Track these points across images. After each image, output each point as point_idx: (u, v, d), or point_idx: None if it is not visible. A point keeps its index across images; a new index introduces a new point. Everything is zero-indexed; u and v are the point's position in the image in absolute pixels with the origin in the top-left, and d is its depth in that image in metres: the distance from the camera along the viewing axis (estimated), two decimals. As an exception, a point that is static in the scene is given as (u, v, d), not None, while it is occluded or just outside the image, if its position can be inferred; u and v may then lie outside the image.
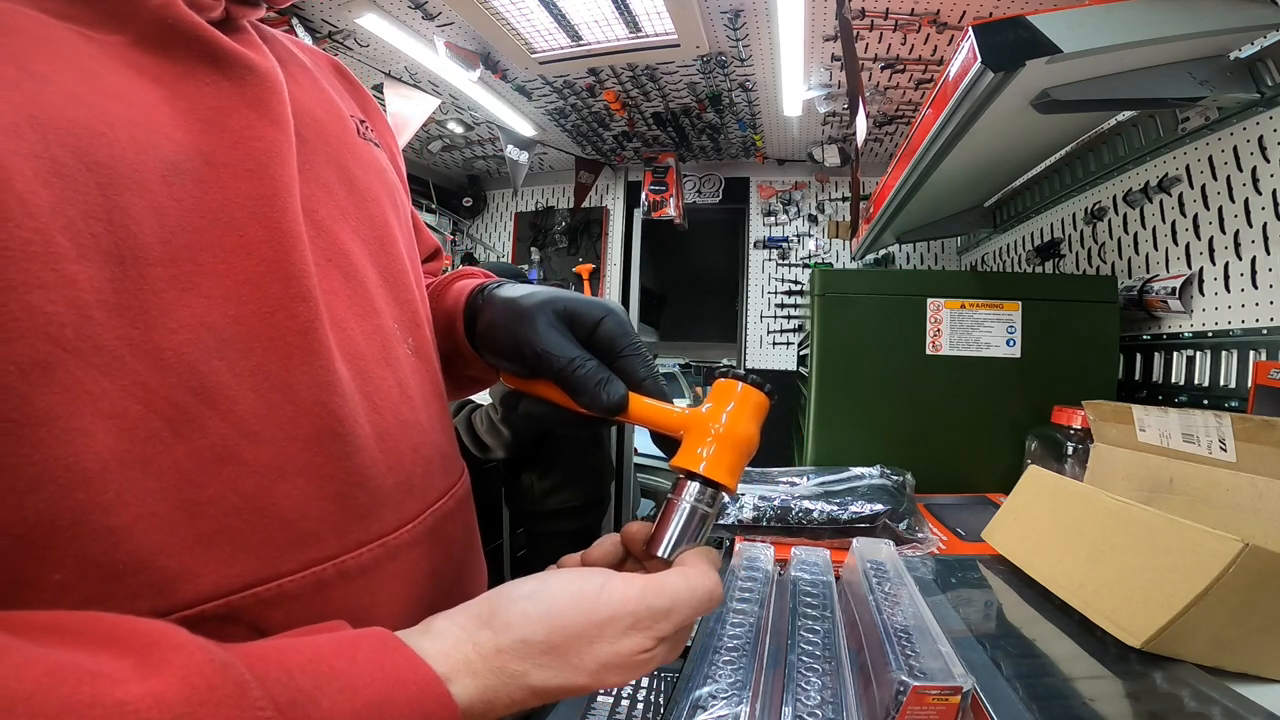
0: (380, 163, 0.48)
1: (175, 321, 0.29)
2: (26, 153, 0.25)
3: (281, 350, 0.33)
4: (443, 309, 0.52)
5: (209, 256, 0.31)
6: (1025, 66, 0.77)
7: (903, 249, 2.77)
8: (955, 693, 0.41)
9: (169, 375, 0.28)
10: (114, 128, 0.28)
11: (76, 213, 0.26)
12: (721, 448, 0.37)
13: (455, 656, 0.29)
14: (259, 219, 0.33)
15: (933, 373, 1.18)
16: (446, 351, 0.52)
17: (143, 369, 0.28)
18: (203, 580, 0.29)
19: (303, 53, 0.48)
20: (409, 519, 0.40)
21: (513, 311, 0.44)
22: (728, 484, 0.37)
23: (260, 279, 0.32)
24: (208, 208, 0.31)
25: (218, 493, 0.30)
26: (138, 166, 0.29)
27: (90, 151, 0.27)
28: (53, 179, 0.26)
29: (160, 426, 0.28)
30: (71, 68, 0.28)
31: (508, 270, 1.89)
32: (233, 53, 0.35)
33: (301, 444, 0.33)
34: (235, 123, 0.34)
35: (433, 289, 0.55)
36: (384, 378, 0.40)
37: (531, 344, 0.41)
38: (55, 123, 0.26)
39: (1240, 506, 0.65)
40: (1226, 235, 1.01)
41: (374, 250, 0.43)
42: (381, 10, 1.82)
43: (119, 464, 0.26)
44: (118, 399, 0.27)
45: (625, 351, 0.42)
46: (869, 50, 1.84)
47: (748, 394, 0.39)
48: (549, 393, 0.43)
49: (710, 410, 0.39)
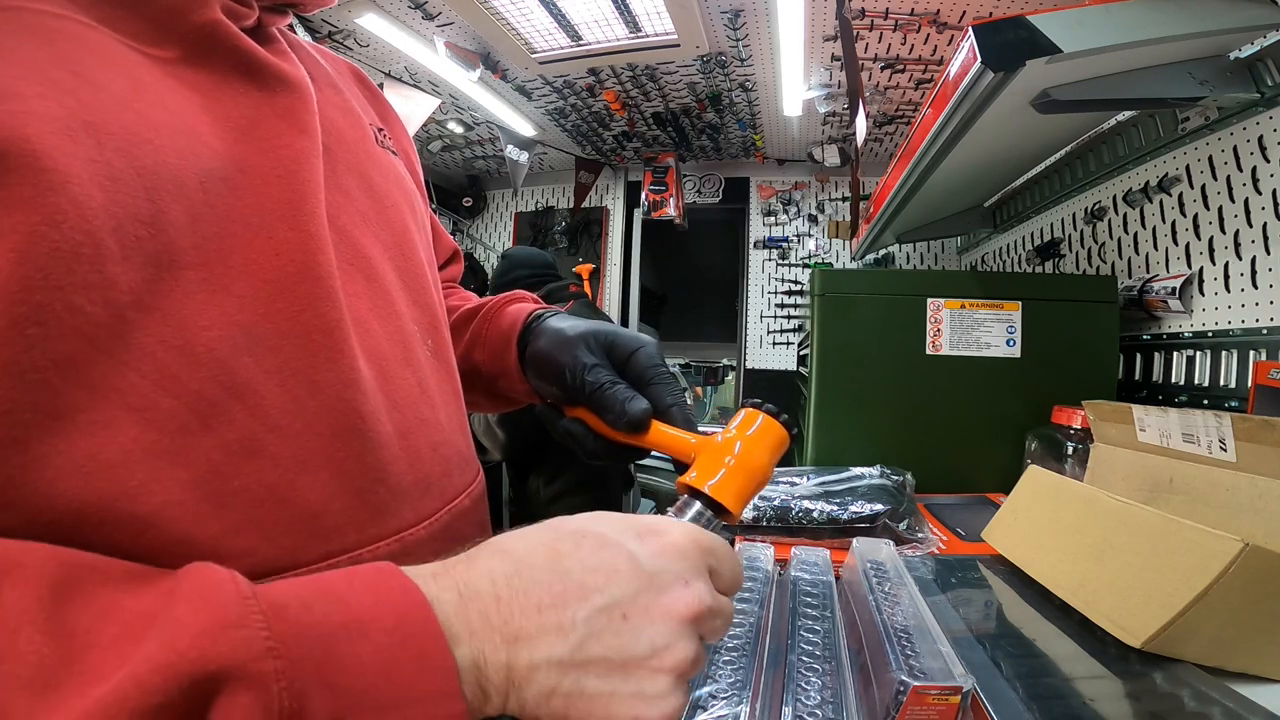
0: (398, 170, 0.50)
1: (207, 320, 0.30)
2: (83, 157, 0.26)
3: (307, 348, 0.34)
4: (499, 330, 0.54)
5: (239, 258, 0.32)
6: (1025, 66, 0.77)
7: (903, 249, 2.77)
8: (955, 693, 0.41)
9: (199, 370, 0.29)
10: (159, 134, 0.30)
11: (126, 215, 0.27)
12: (731, 472, 0.37)
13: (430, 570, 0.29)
14: (287, 222, 0.34)
15: (933, 373, 1.18)
16: (495, 371, 0.54)
17: (174, 364, 0.29)
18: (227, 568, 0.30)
19: (326, 60, 0.50)
20: (426, 516, 0.41)
21: (558, 339, 0.47)
22: (732, 507, 0.36)
23: (289, 279, 0.34)
24: (240, 212, 0.33)
25: (243, 484, 0.31)
26: (179, 172, 0.30)
27: (140, 157, 0.28)
28: (106, 182, 0.27)
29: (190, 419, 0.29)
30: (122, 75, 0.30)
31: (537, 258, 1.87)
32: (266, 63, 0.37)
33: (325, 439, 0.34)
34: (266, 131, 0.35)
35: (487, 309, 0.57)
36: (404, 377, 0.41)
37: (569, 367, 0.44)
38: (109, 128, 0.27)
39: (1240, 506, 0.65)
40: (1226, 235, 1.01)
41: (394, 255, 0.44)
42: (381, 10, 1.82)
43: (145, 454, 0.27)
44: (148, 392, 0.28)
45: (654, 379, 0.44)
46: (869, 50, 1.84)
47: (769, 426, 0.39)
48: (586, 418, 0.46)
49: (728, 438, 0.39)
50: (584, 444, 0.47)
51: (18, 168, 0.24)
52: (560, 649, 0.28)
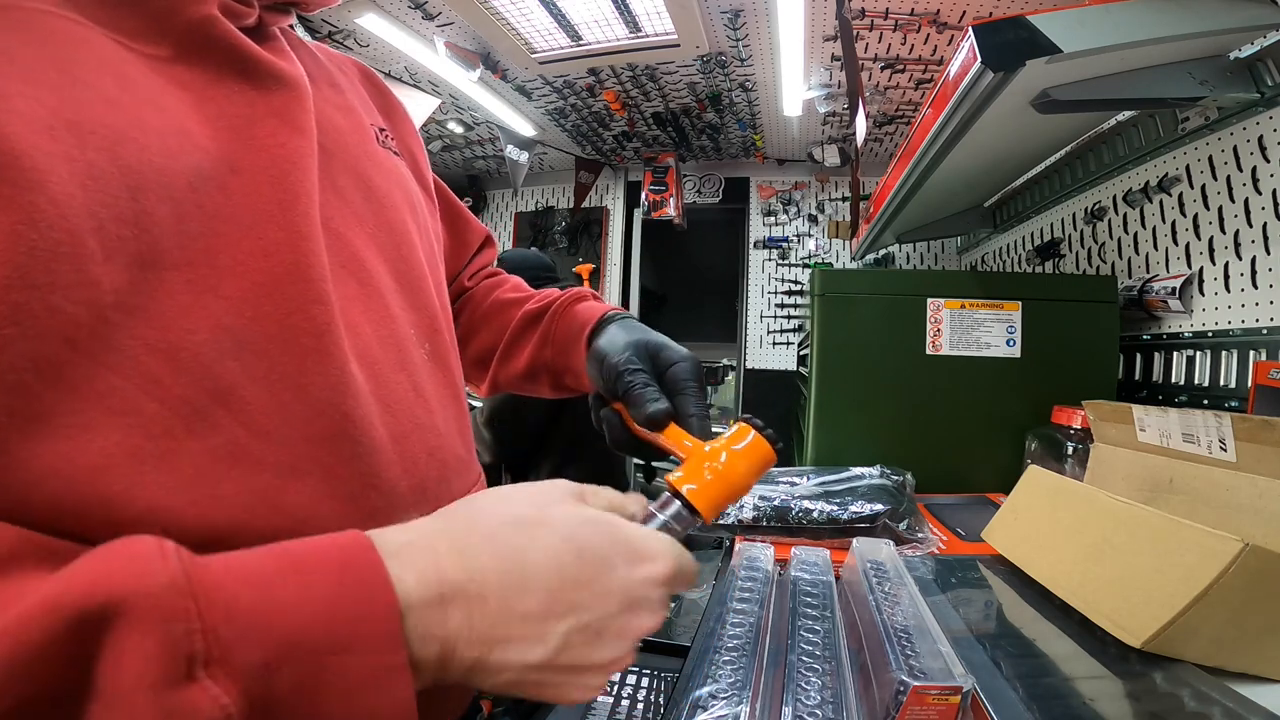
0: (400, 171, 0.49)
1: (192, 323, 0.30)
2: (63, 155, 0.26)
3: (296, 351, 0.33)
4: (568, 329, 0.56)
5: (227, 259, 0.31)
6: (1025, 66, 0.77)
7: (903, 249, 2.77)
8: (955, 693, 0.41)
9: (183, 375, 0.29)
10: (146, 133, 0.29)
11: (108, 215, 0.27)
12: (710, 481, 0.39)
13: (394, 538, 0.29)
14: (278, 223, 0.34)
15: (933, 373, 1.18)
16: (562, 366, 0.57)
17: (158, 367, 0.28)
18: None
19: (330, 60, 0.49)
20: None
21: (616, 341, 0.51)
22: (704, 513, 0.39)
23: (278, 281, 0.33)
24: (230, 212, 0.32)
25: (231, 489, 0.30)
26: (165, 171, 0.29)
27: (124, 156, 0.28)
28: (87, 180, 0.26)
29: (175, 423, 0.29)
30: (111, 74, 0.29)
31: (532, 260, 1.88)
32: (262, 62, 0.36)
33: (314, 444, 0.34)
34: (260, 131, 0.35)
35: (555, 308, 0.59)
36: (399, 382, 0.41)
37: (616, 366, 0.48)
38: (93, 127, 0.27)
39: (1240, 506, 0.65)
40: (1226, 235, 1.01)
41: (391, 257, 0.44)
42: (381, 10, 1.82)
43: (129, 459, 0.27)
44: (131, 396, 0.27)
45: (683, 390, 0.47)
46: (869, 50, 1.84)
47: (756, 444, 0.41)
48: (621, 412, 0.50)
49: (715, 447, 0.41)
50: (614, 433, 0.50)
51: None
52: (534, 655, 0.29)
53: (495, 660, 0.28)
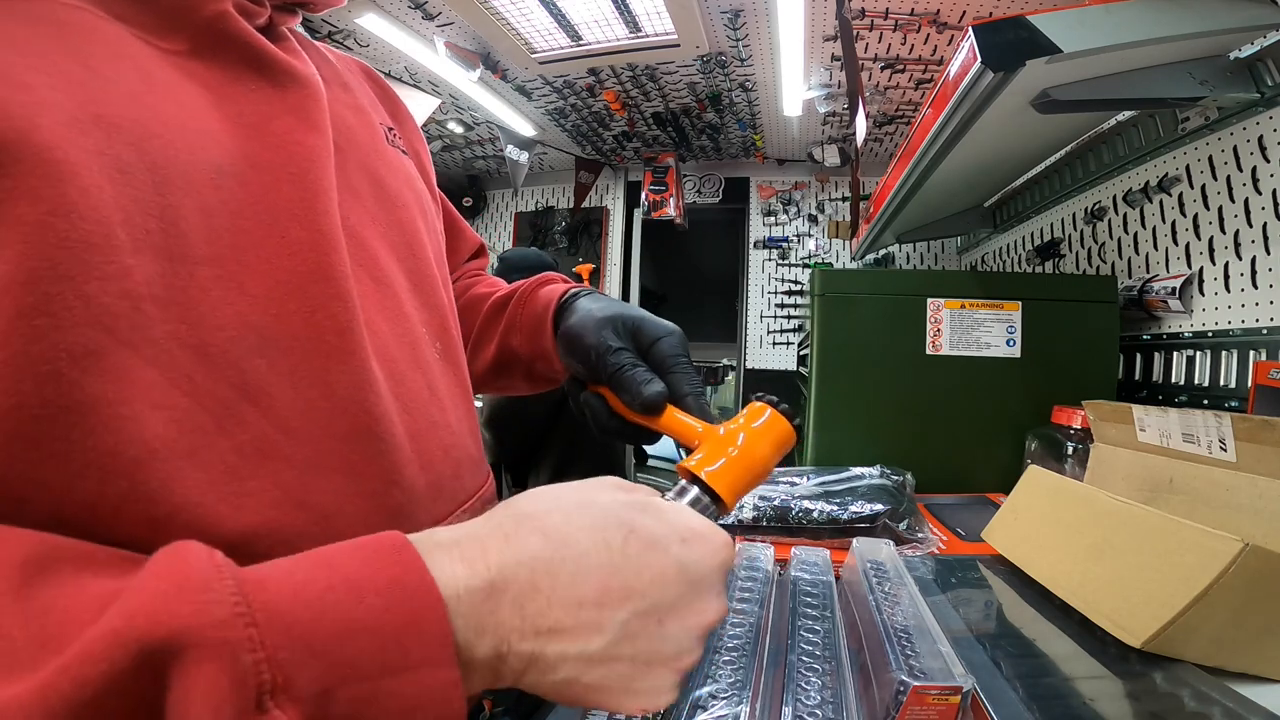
0: (409, 170, 0.49)
1: (220, 319, 0.30)
2: (92, 149, 0.26)
3: (321, 350, 0.33)
4: (533, 312, 0.54)
5: (253, 256, 0.32)
6: (1025, 66, 0.77)
7: (903, 249, 2.77)
8: (955, 693, 0.41)
9: (213, 370, 0.29)
10: (169, 129, 0.29)
11: (135, 208, 0.27)
12: (731, 462, 0.37)
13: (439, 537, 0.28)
14: (300, 221, 0.34)
15: (933, 373, 1.18)
16: (532, 354, 0.54)
17: (189, 363, 0.28)
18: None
19: (337, 60, 0.49)
20: (439, 519, 0.41)
21: (588, 320, 0.47)
22: (726, 497, 0.36)
23: (302, 280, 0.33)
24: (252, 209, 0.32)
25: (259, 486, 0.30)
26: (189, 167, 0.30)
27: (150, 151, 0.28)
28: (115, 174, 0.26)
29: (205, 419, 0.29)
30: (133, 69, 0.29)
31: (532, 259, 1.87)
32: (277, 60, 0.36)
33: (339, 441, 0.34)
34: (278, 128, 0.35)
35: (520, 294, 0.57)
36: (415, 380, 0.41)
37: (595, 348, 0.45)
38: (118, 121, 0.27)
39: (1240, 506, 0.65)
40: (1226, 235, 1.01)
41: (403, 255, 0.44)
42: (381, 10, 1.82)
43: (167, 453, 0.27)
44: (166, 390, 0.27)
45: (674, 367, 0.44)
46: (869, 50, 1.84)
47: (775, 421, 0.39)
48: (606, 395, 0.47)
49: (731, 429, 0.39)
50: (599, 419, 0.47)
51: (26, 157, 0.24)
52: (593, 646, 0.27)
53: (552, 653, 0.27)
